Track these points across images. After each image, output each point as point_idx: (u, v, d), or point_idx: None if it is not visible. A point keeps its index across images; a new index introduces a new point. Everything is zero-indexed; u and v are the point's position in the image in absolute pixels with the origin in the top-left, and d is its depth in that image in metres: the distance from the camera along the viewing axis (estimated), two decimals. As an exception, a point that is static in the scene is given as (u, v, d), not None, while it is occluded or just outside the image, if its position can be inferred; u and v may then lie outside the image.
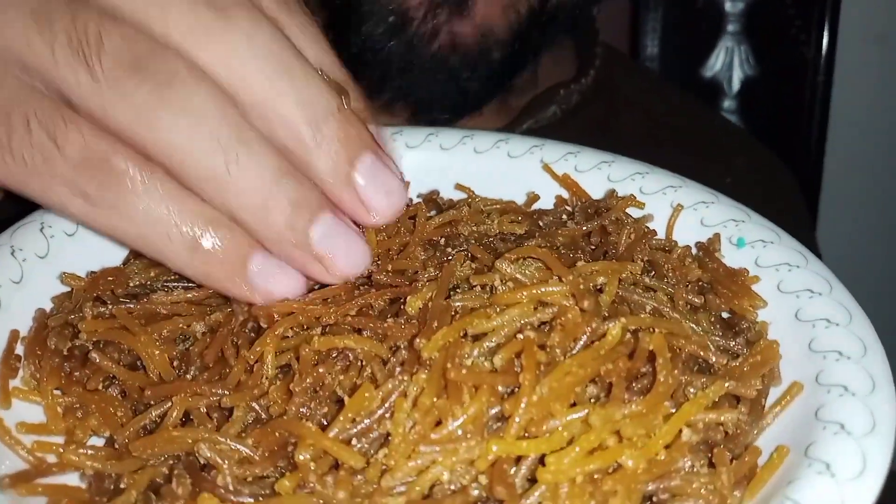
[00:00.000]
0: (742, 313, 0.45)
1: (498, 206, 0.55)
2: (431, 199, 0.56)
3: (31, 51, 0.36)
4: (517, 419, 0.33)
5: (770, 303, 0.46)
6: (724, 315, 0.47)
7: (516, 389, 0.35)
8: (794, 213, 0.93)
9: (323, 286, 0.42)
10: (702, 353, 0.40)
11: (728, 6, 1.34)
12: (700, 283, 0.48)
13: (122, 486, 0.34)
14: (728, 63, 1.35)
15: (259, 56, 0.37)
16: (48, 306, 0.44)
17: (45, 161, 0.36)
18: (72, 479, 0.37)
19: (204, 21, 0.36)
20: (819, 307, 0.44)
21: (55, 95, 0.37)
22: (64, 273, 0.45)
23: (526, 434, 0.33)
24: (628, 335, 0.38)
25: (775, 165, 0.96)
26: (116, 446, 0.37)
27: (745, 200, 0.54)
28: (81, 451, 0.36)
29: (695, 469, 0.35)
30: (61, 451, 0.36)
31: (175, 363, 0.41)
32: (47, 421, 0.38)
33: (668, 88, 1.03)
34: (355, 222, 0.41)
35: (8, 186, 0.38)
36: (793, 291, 0.45)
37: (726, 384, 0.37)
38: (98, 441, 0.39)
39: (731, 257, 0.50)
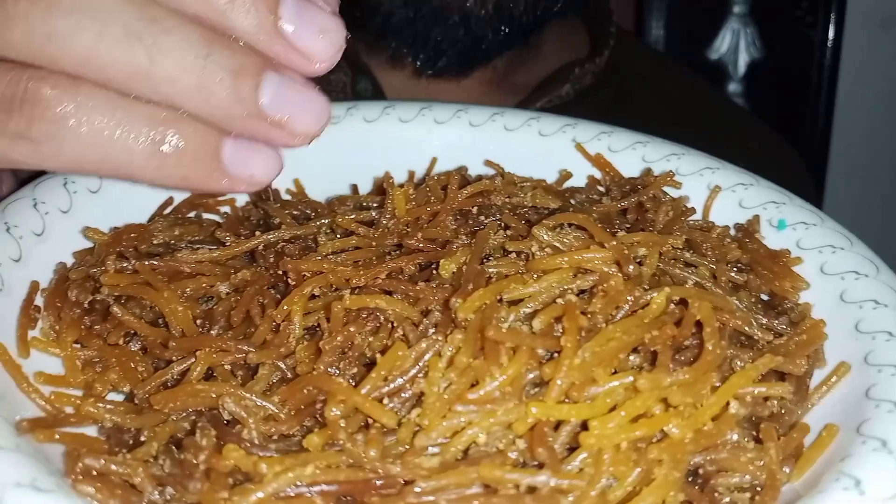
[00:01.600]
0: (784, 294, 0.44)
1: (529, 184, 0.53)
2: (460, 175, 0.54)
3: None
4: (559, 382, 0.31)
5: (813, 285, 0.44)
6: (764, 297, 0.45)
7: (556, 355, 0.33)
8: (803, 196, 0.93)
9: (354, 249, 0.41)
10: (746, 329, 0.38)
11: None
12: (739, 264, 0.46)
13: (141, 439, 0.33)
14: (734, 45, 1.34)
15: None
16: (70, 262, 0.43)
17: None
18: (89, 432, 0.35)
19: None
20: (866, 289, 0.42)
21: None
22: (86, 227, 0.43)
23: (567, 399, 0.32)
24: (672, 306, 0.37)
25: (784, 148, 0.95)
26: (136, 401, 0.36)
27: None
28: (100, 404, 0.35)
29: (742, 444, 0.33)
30: (79, 403, 0.35)
31: (198, 322, 0.40)
32: (66, 373, 0.37)
33: (679, 70, 1.02)
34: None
35: None
36: (837, 273, 0.44)
37: (777, 358, 0.35)
38: (117, 397, 0.38)
39: (771, 239, 0.48)
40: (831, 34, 1.30)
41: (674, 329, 0.34)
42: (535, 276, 0.38)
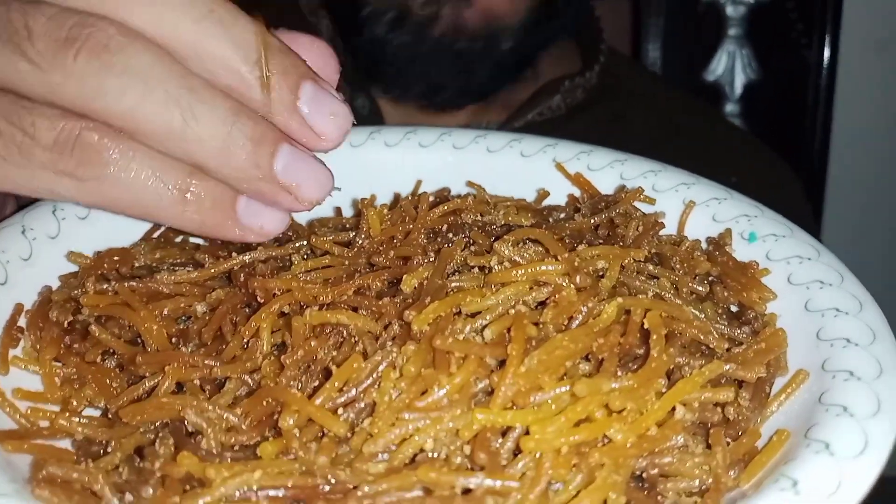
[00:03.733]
0: (751, 305, 0.44)
1: (509, 203, 0.54)
2: (442, 197, 0.56)
3: None
4: (503, 389, 0.32)
5: (781, 295, 0.45)
6: (734, 309, 0.46)
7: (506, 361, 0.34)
8: (799, 214, 0.93)
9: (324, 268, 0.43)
10: (702, 338, 0.39)
11: (730, 10, 1.34)
12: (709, 277, 0.47)
13: (109, 450, 0.34)
14: (730, 67, 1.35)
15: (182, 3, 0.37)
16: (56, 285, 0.45)
17: (22, 153, 0.38)
18: (64, 446, 0.37)
19: None
20: (829, 297, 0.42)
21: (9, 93, 0.38)
22: (70, 251, 0.45)
23: (513, 406, 0.33)
24: (627, 317, 0.38)
25: (779, 166, 0.96)
26: (109, 416, 0.38)
27: (752, 198, 0.53)
28: (74, 418, 0.37)
29: (690, 449, 0.34)
30: (54, 417, 0.36)
31: (174, 340, 0.41)
32: (45, 389, 0.39)
33: (674, 90, 1.03)
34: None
35: None
36: (803, 283, 0.44)
37: (725, 366, 0.36)
38: (94, 412, 0.40)
39: (743, 252, 0.49)
40: (826, 56, 1.31)
41: (618, 337, 0.35)
42: (493, 288, 0.39)
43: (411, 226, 0.47)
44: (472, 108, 0.82)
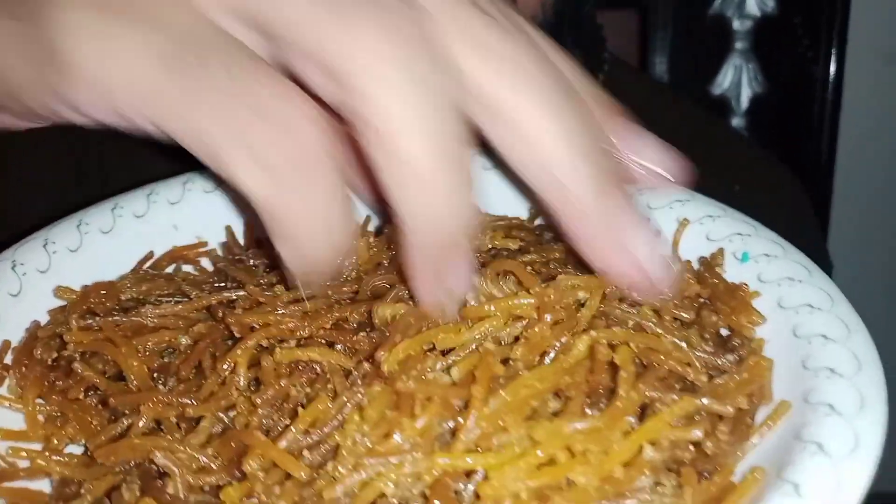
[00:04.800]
0: (739, 330, 0.43)
1: (502, 223, 0.54)
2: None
3: None
4: (465, 432, 0.32)
5: (771, 319, 0.44)
6: (725, 332, 0.45)
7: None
8: (805, 224, 0.91)
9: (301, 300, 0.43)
10: (679, 369, 0.38)
11: (736, 24, 1.32)
12: (699, 299, 0.46)
13: (82, 491, 0.35)
14: (736, 81, 1.33)
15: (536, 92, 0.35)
16: (45, 320, 0.46)
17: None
18: (45, 486, 0.37)
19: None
20: (817, 323, 0.41)
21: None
22: (58, 287, 0.46)
23: (476, 448, 0.32)
24: (604, 350, 0.37)
25: (785, 176, 0.94)
26: (89, 454, 0.38)
27: (756, 209, 0.52)
28: (54, 457, 0.37)
29: (660, 490, 0.33)
30: (33, 456, 0.37)
31: (155, 375, 0.42)
32: (27, 428, 0.40)
33: (679, 100, 1.02)
34: None
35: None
36: (793, 307, 0.43)
37: (700, 400, 0.35)
38: (78, 449, 0.40)
39: (736, 272, 0.48)
40: (833, 69, 1.29)
41: (585, 374, 0.34)
42: (469, 323, 0.39)
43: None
44: None
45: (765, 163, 0.94)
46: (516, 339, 0.39)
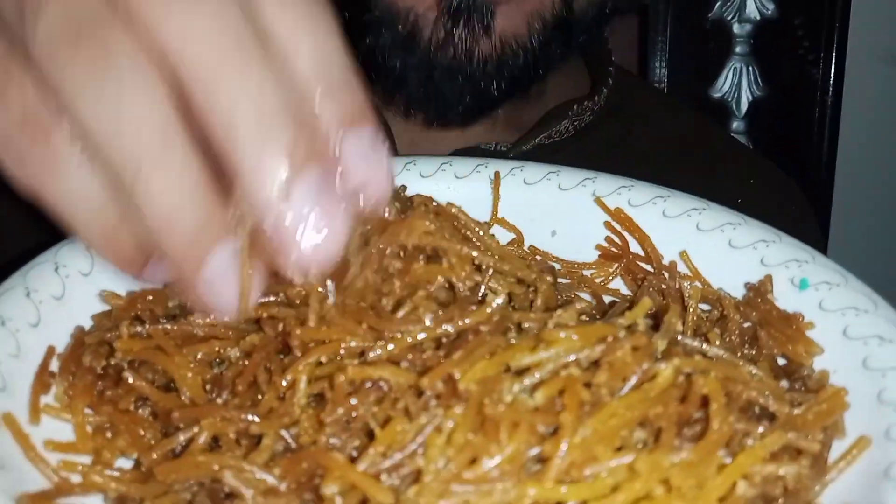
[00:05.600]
0: (798, 360, 0.42)
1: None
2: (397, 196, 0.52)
3: None
4: (557, 461, 0.31)
5: (836, 350, 0.43)
6: (781, 362, 0.44)
7: (559, 429, 0.32)
8: (808, 234, 0.92)
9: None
10: (761, 401, 0.37)
11: (736, 27, 1.32)
12: (752, 327, 0.45)
13: (144, 510, 0.33)
14: (736, 84, 1.33)
15: (215, 48, 0.32)
16: (88, 324, 0.44)
17: None
18: (97, 501, 0.36)
19: None
20: (890, 355, 0.41)
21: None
22: (104, 291, 0.44)
23: (567, 478, 0.31)
24: (681, 378, 0.36)
25: (787, 184, 0.95)
26: (143, 469, 0.36)
27: (759, 217, 0.52)
28: (107, 472, 0.35)
29: (751, 526, 0.32)
30: (86, 471, 0.35)
31: (208, 387, 0.40)
32: (76, 439, 0.38)
33: (679, 107, 1.02)
34: None
35: None
36: (860, 338, 0.42)
37: (788, 435, 0.34)
38: (127, 462, 0.38)
39: (794, 300, 0.47)
40: (833, 72, 1.29)
41: (678, 405, 0.33)
42: (543, 345, 0.37)
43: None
44: (480, 129, 0.82)
45: (767, 173, 0.94)
46: (592, 364, 0.38)
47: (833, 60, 1.31)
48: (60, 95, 0.33)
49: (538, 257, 0.55)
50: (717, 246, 0.52)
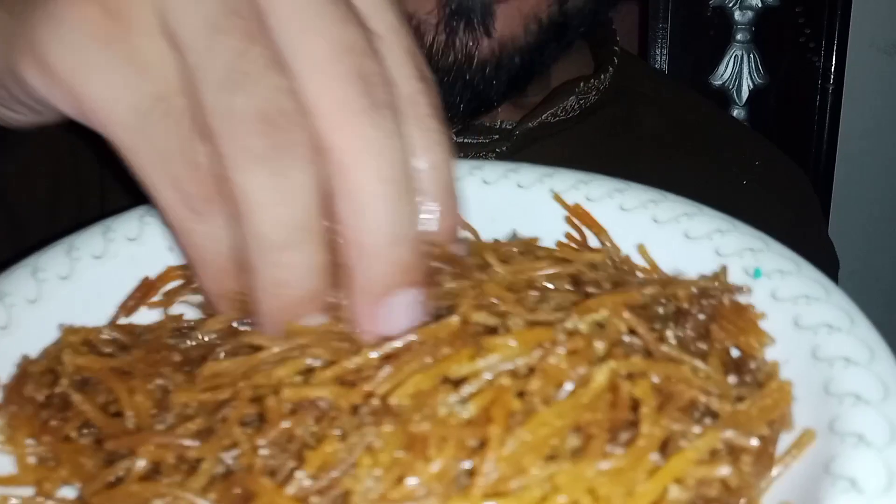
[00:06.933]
0: (749, 352, 0.42)
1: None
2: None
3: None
4: (483, 476, 0.31)
5: (787, 339, 0.42)
6: (735, 353, 0.43)
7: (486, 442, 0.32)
8: (811, 215, 0.91)
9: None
10: (703, 399, 0.37)
11: (737, 15, 1.31)
12: (706, 320, 0.44)
13: (79, 543, 0.33)
14: (737, 72, 1.32)
15: (378, 178, 0.37)
16: (36, 353, 0.44)
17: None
18: (38, 534, 0.36)
19: (352, 106, 0.36)
20: (838, 345, 0.40)
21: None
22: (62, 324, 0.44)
23: (494, 493, 0.31)
24: (621, 380, 0.36)
25: (790, 166, 0.95)
26: (84, 500, 0.36)
27: (763, 200, 0.52)
28: (47, 502, 0.35)
29: (686, 529, 0.32)
30: (26, 503, 0.35)
31: (153, 410, 0.40)
32: (17, 471, 0.38)
33: (685, 91, 1.02)
34: None
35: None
36: (811, 326, 0.42)
37: (722, 434, 0.34)
38: (72, 491, 0.38)
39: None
40: (834, 60, 1.28)
41: (608, 411, 0.33)
42: (482, 352, 0.37)
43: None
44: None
45: (772, 155, 0.93)
46: (531, 369, 0.37)
47: (834, 48, 1.31)
48: (228, 161, 0.36)
49: None
50: (673, 237, 0.51)
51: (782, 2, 1.31)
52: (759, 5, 1.32)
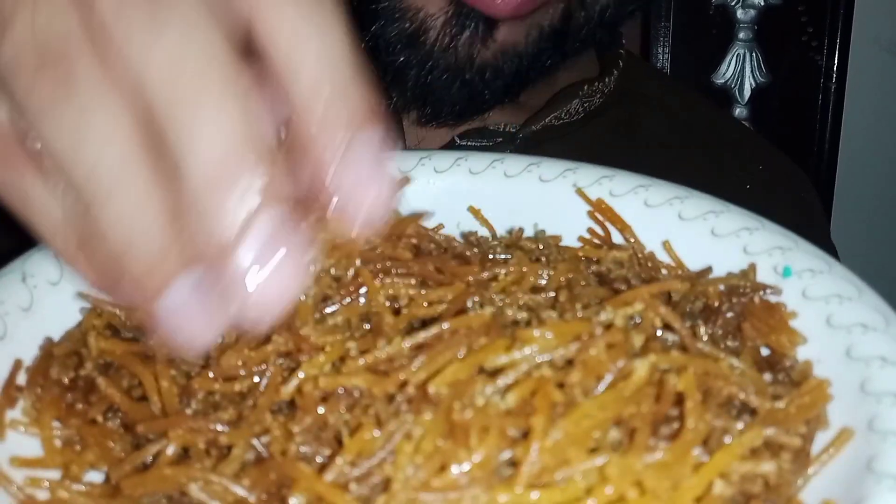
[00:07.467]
0: (781, 351, 0.42)
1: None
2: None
3: None
4: (527, 466, 0.30)
5: (819, 339, 0.42)
6: (764, 353, 0.43)
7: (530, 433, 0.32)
8: (813, 219, 0.91)
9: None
10: (741, 396, 0.36)
11: (739, 13, 1.31)
12: (736, 318, 0.44)
13: (110, 526, 0.33)
14: (739, 70, 1.32)
15: (180, 74, 0.30)
16: (59, 335, 0.43)
17: None
18: (65, 517, 0.35)
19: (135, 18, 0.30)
20: (873, 344, 0.40)
21: None
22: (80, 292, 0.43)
23: (538, 483, 0.31)
24: (658, 375, 0.35)
25: (792, 169, 0.95)
26: (113, 483, 0.36)
27: (766, 203, 0.51)
28: (75, 487, 0.35)
29: (729, 525, 0.31)
30: (53, 486, 0.35)
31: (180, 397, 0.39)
32: (44, 454, 0.37)
33: (688, 92, 1.02)
34: None
35: None
36: (844, 326, 0.42)
37: (765, 431, 0.34)
38: (99, 476, 0.38)
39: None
40: (836, 58, 1.29)
41: (653, 404, 0.32)
42: (518, 344, 0.37)
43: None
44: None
45: (774, 157, 0.94)
46: (568, 362, 0.37)
47: (837, 47, 1.30)
48: (26, 113, 0.32)
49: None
50: (700, 235, 0.51)
51: (784, 0, 1.32)
52: (762, 4, 1.32)
